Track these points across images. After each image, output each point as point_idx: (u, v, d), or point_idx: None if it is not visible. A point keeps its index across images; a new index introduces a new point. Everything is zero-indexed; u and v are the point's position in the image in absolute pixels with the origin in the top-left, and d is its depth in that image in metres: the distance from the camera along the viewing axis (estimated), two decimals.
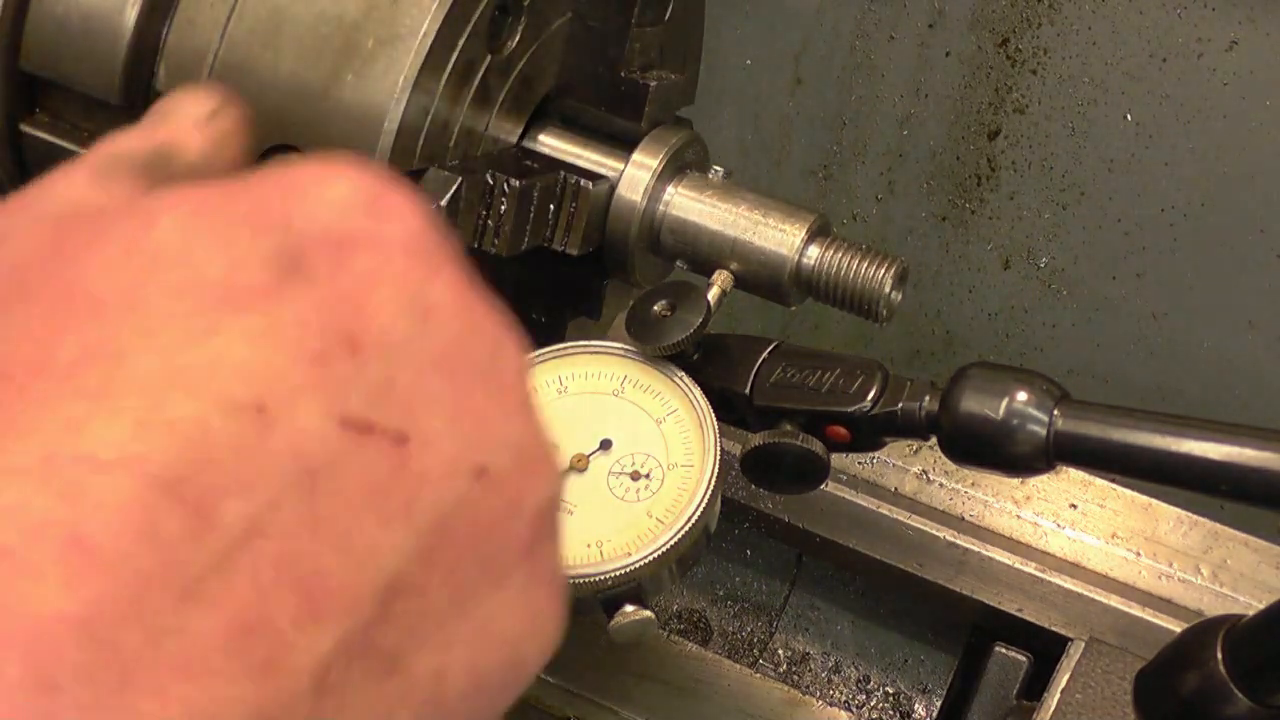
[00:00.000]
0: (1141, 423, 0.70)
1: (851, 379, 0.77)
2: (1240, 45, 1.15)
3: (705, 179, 0.85)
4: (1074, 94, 1.22)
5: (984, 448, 0.73)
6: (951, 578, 1.10)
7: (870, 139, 1.32)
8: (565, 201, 0.82)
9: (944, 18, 1.24)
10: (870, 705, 1.19)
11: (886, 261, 0.81)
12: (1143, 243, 1.25)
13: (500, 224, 0.78)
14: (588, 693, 1.06)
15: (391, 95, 0.71)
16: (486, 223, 0.78)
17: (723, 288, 0.82)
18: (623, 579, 0.73)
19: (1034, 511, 1.13)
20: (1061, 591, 1.08)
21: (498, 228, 0.78)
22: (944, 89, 1.27)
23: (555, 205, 0.81)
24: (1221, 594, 1.08)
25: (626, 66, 0.83)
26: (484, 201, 0.77)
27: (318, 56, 0.72)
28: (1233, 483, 0.68)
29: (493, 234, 0.78)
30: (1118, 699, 0.97)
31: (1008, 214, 1.30)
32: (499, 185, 0.77)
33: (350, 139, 0.72)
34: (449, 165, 0.76)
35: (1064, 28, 1.20)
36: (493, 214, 0.78)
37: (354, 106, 0.72)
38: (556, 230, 0.82)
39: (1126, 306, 1.29)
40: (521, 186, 0.78)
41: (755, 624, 1.23)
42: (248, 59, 0.73)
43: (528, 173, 0.80)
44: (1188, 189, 1.22)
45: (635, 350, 0.80)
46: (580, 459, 0.77)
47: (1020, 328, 1.34)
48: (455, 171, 0.75)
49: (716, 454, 0.76)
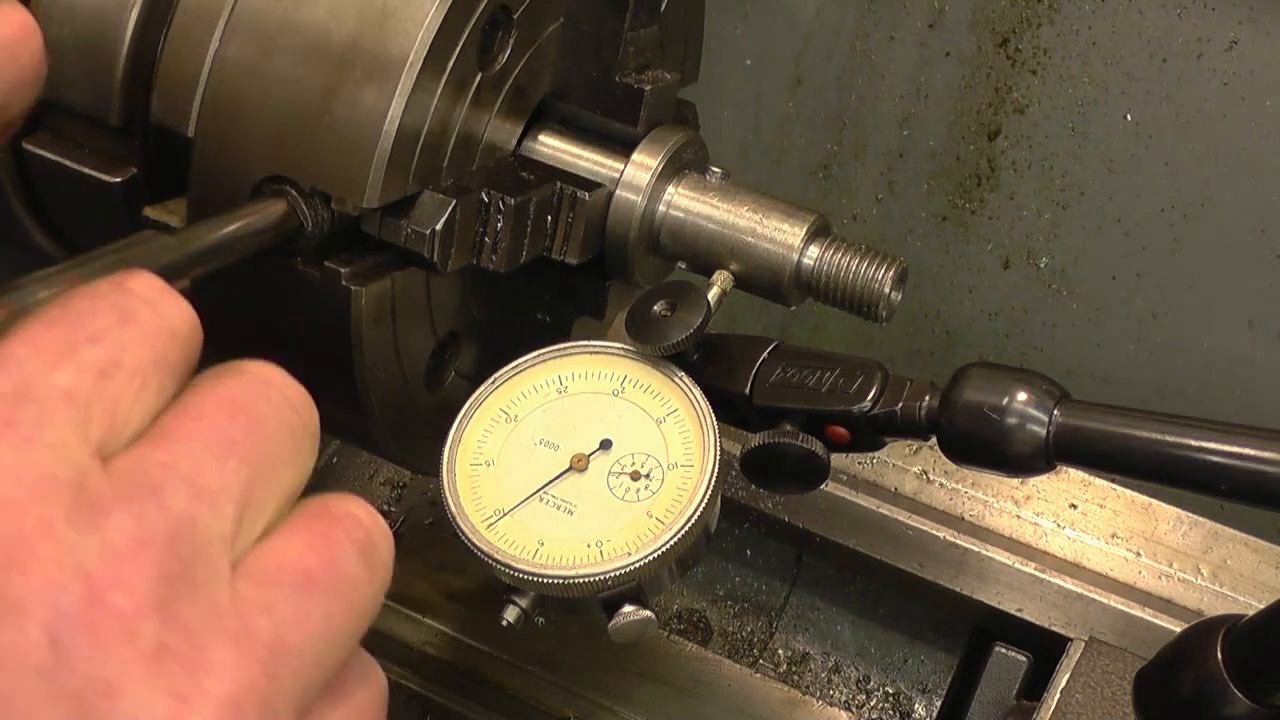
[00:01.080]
0: (1141, 423, 0.70)
1: (851, 379, 0.77)
2: (1240, 45, 1.15)
3: (705, 179, 0.85)
4: (1074, 94, 1.22)
5: (984, 448, 0.73)
6: (951, 578, 1.10)
7: (870, 139, 1.32)
8: (563, 213, 0.81)
9: (944, 18, 1.24)
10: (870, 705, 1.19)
11: (886, 261, 0.81)
12: (1143, 243, 1.25)
13: (498, 241, 0.78)
14: (588, 693, 1.06)
15: (382, 123, 0.71)
16: (484, 240, 0.78)
17: (723, 288, 0.82)
18: (623, 579, 0.73)
19: (1034, 511, 1.13)
20: (1061, 591, 1.08)
21: (495, 245, 0.78)
22: (944, 89, 1.27)
23: (552, 217, 0.81)
24: (1221, 594, 1.08)
25: (621, 70, 0.83)
26: (480, 220, 0.77)
27: (308, 85, 0.72)
28: (1233, 483, 0.68)
29: (490, 251, 0.78)
30: (1118, 699, 0.97)
31: (1008, 214, 1.30)
32: (494, 203, 0.77)
33: (343, 164, 0.71)
34: (443, 186, 0.75)
35: (1064, 28, 1.20)
36: (489, 231, 0.77)
37: (346, 133, 0.71)
38: (555, 241, 0.82)
39: (1126, 306, 1.29)
40: (517, 204, 0.78)
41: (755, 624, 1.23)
42: (238, 88, 0.73)
43: (524, 185, 0.80)
44: (1188, 189, 1.22)
45: (635, 350, 0.80)
46: (580, 459, 0.77)
47: (1020, 328, 1.34)
48: (450, 193, 0.75)
49: (716, 454, 0.76)
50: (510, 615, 0.75)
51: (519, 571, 0.73)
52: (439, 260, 0.74)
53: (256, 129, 0.72)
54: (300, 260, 0.73)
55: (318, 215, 0.71)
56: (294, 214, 0.71)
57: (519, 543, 0.74)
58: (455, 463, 0.77)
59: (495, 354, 0.83)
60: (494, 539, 0.74)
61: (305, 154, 0.71)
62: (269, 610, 0.44)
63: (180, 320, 0.47)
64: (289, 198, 0.71)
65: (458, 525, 0.75)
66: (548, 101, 0.84)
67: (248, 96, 0.73)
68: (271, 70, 0.72)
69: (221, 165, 0.73)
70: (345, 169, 0.71)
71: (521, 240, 0.79)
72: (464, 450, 0.77)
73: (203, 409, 0.46)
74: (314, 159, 0.71)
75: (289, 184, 0.71)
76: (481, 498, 0.76)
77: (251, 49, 0.73)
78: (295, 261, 0.73)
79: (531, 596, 0.75)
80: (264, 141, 0.72)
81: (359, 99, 0.71)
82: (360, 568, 0.48)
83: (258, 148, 0.72)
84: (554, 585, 0.73)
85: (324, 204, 0.71)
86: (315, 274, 0.73)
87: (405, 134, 0.72)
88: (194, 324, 0.48)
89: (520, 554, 0.74)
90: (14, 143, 0.78)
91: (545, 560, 0.73)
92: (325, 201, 0.71)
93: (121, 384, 0.44)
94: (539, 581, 0.73)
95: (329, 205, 0.71)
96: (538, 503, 0.75)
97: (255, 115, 0.72)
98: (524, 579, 0.73)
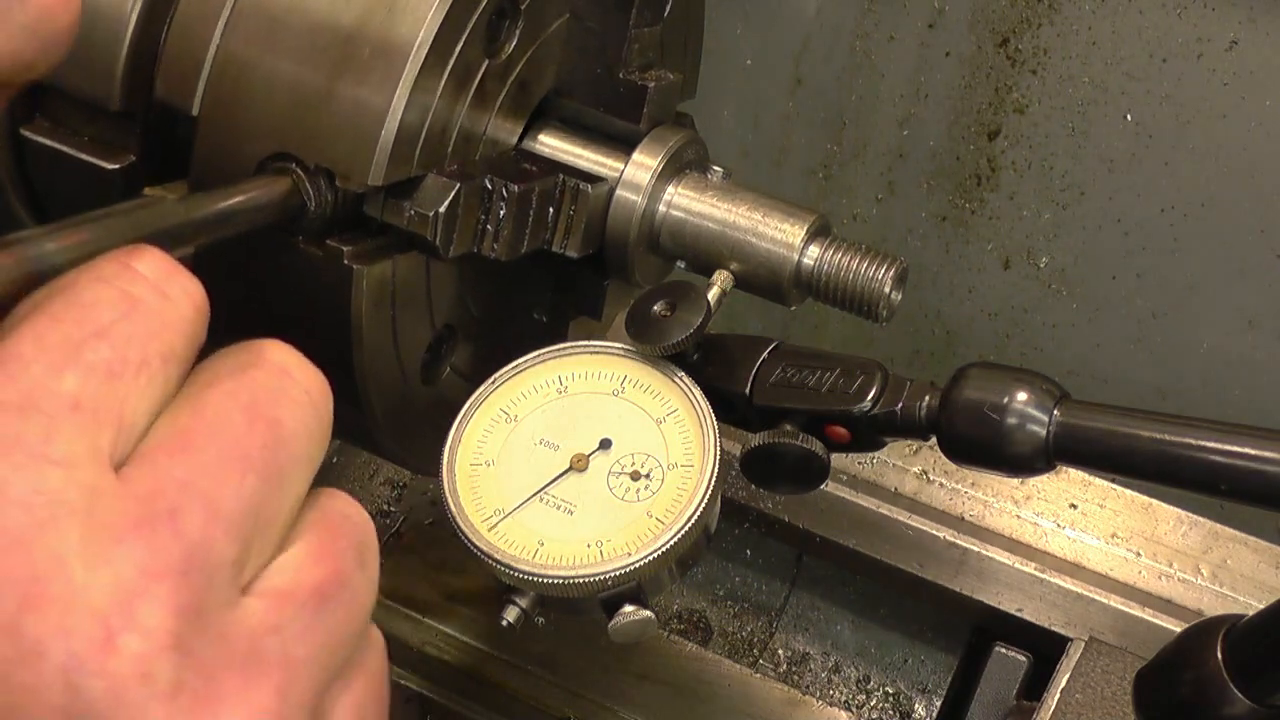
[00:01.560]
0: (1141, 423, 0.70)
1: (851, 379, 0.77)
2: (1240, 45, 1.15)
3: (705, 179, 0.85)
4: (1074, 94, 1.22)
5: (984, 448, 0.73)
6: (951, 578, 1.10)
7: (870, 139, 1.32)
8: (564, 204, 0.82)
9: (944, 18, 1.24)
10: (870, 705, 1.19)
11: (886, 261, 0.81)
12: (1143, 243, 1.25)
13: (500, 228, 0.78)
14: (588, 693, 1.06)
15: (388, 103, 0.71)
16: (486, 227, 0.78)
17: (723, 288, 0.82)
18: (623, 579, 0.73)
19: (1034, 511, 1.13)
20: (1061, 591, 1.08)
21: (497, 232, 0.78)
22: (944, 89, 1.27)
23: (554, 208, 0.81)
24: (1221, 594, 1.08)
25: (625, 68, 0.83)
26: (483, 206, 0.77)
27: (314, 65, 0.72)
28: (1233, 483, 0.68)
29: (492, 239, 0.78)
30: (1118, 699, 0.97)
31: (1008, 214, 1.30)
32: (497, 190, 0.77)
33: (348, 146, 0.71)
34: (447, 171, 0.76)
35: (1064, 28, 1.20)
36: (492, 219, 0.78)
37: (351, 115, 0.71)
38: (556, 233, 0.82)
39: (1126, 306, 1.29)
40: (520, 191, 0.78)
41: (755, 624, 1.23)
42: (245, 67, 0.73)
43: (526, 176, 0.80)
44: (1188, 189, 1.22)
45: (635, 350, 0.80)
46: (580, 459, 0.77)
47: (1020, 328, 1.34)
48: (454, 178, 0.75)
49: (716, 454, 0.76)
50: (510, 615, 0.75)
51: (519, 572, 0.73)
52: (441, 243, 0.74)
53: (262, 107, 0.72)
54: (302, 239, 0.73)
55: (321, 194, 0.71)
56: (297, 192, 0.71)
57: (519, 543, 0.74)
58: (455, 463, 0.77)
59: (491, 353, 0.83)
60: (494, 539, 0.74)
61: (310, 132, 0.71)
62: (278, 630, 0.44)
63: (188, 303, 0.47)
64: (293, 175, 0.71)
65: (458, 525, 0.75)
66: (550, 99, 0.84)
67: (254, 76, 0.73)
68: (278, 50, 0.72)
69: (226, 144, 0.73)
70: (350, 147, 0.71)
71: (523, 229, 0.79)
72: (464, 450, 0.77)
73: (222, 414, 0.46)
74: (319, 137, 0.71)
75: (294, 161, 0.71)
76: (481, 498, 0.76)
77: (259, 29, 0.73)
78: (297, 240, 0.73)
79: (531, 596, 0.75)
80: (269, 119, 0.72)
81: (365, 80, 0.71)
82: (359, 571, 0.48)
83: (263, 126, 0.72)
84: (554, 585, 0.73)
85: (328, 182, 0.71)
86: (317, 253, 0.73)
87: (411, 117, 0.72)
88: (201, 304, 0.47)
89: (520, 554, 0.74)
90: (11, 130, 0.78)
91: (545, 560, 0.73)
92: (329, 180, 0.71)
93: (129, 382, 0.44)
94: (539, 582, 0.73)
95: (333, 184, 0.71)
96: (538, 503, 0.75)
97: (261, 94, 0.72)
98: (524, 579, 0.73)
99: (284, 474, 0.46)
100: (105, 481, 0.42)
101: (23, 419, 0.42)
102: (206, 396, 0.46)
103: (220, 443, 0.45)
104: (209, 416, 0.45)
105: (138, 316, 0.45)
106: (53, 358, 0.43)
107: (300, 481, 0.48)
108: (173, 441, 0.44)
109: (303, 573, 0.46)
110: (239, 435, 0.45)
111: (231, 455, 0.45)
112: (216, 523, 0.43)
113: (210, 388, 0.46)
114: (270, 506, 0.46)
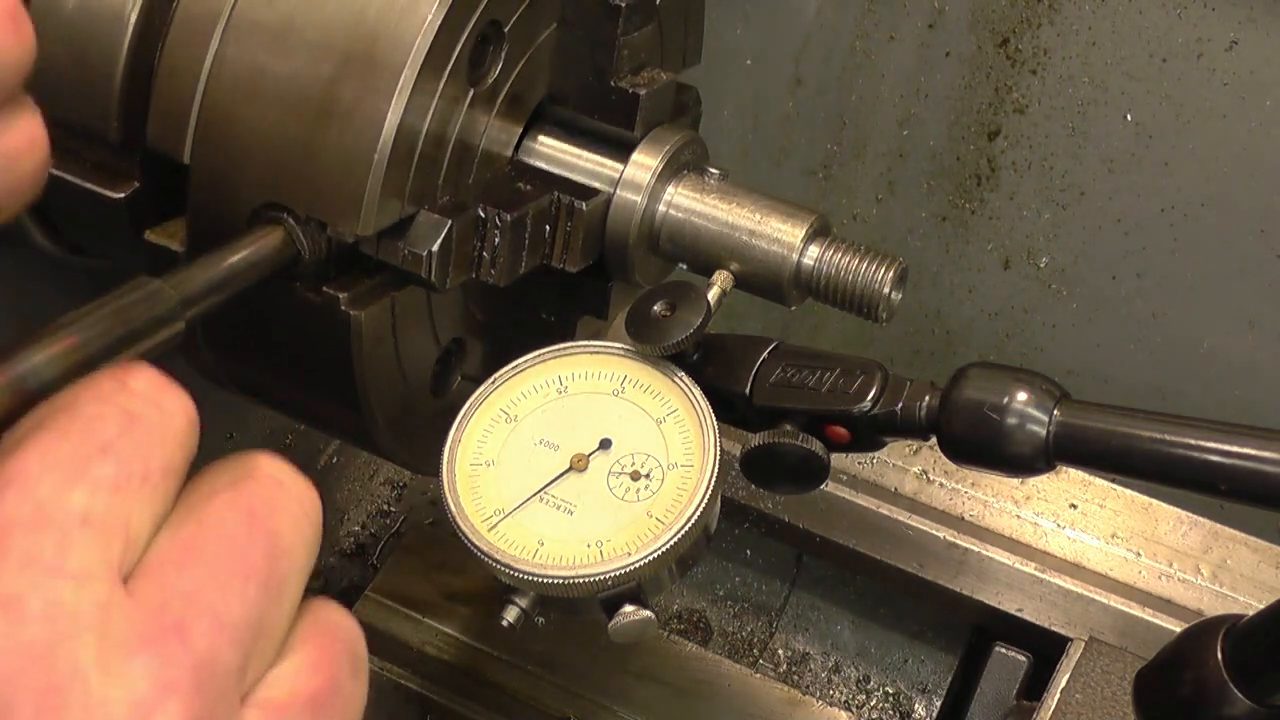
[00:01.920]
0: (1141, 423, 0.70)
1: (851, 379, 0.77)
2: (1240, 45, 1.15)
3: (704, 180, 0.85)
4: (1074, 94, 1.22)
5: (984, 448, 0.73)
6: (951, 578, 1.10)
7: (870, 139, 1.32)
8: (561, 222, 0.81)
9: (944, 18, 1.24)
10: (870, 705, 1.19)
11: (886, 262, 0.81)
12: (1143, 243, 1.26)
13: (496, 256, 0.77)
14: (588, 693, 1.06)
15: (372, 151, 0.70)
16: (482, 255, 0.77)
17: (723, 288, 0.82)
18: (623, 579, 0.73)
19: (1034, 511, 1.13)
20: (1061, 591, 1.08)
21: (494, 260, 0.78)
22: (944, 89, 1.27)
23: (551, 226, 0.81)
24: (1221, 594, 1.08)
25: (616, 74, 0.82)
26: (478, 235, 0.77)
27: (298, 114, 0.71)
28: (1233, 483, 0.68)
29: (489, 265, 0.78)
30: (1117, 699, 0.97)
31: (1008, 214, 1.30)
32: (491, 219, 0.77)
33: (337, 192, 0.71)
34: (439, 206, 0.75)
35: (1064, 28, 1.20)
36: (487, 247, 0.77)
37: (336, 165, 0.71)
38: (554, 250, 0.82)
39: (1126, 306, 1.29)
40: (514, 219, 0.77)
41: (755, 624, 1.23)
42: (231, 114, 0.73)
43: (521, 197, 0.79)
44: (1188, 189, 1.22)
45: (635, 350, 0.80)
46: (580, 459, 0.77)
47: (1020, 328, 1.34)
48: (446, 211, 0.75)
49: (716, 454, 0.76)
50: (510, 615, 0.75)
51: (519, 572, 0.73)
52: (437, 279, 0.74)
53: (251, 157, 0.72)
54: (300, 284, 0.73)
55: (315, 242, 0.71)
56: (291, 242, 0.71)
57: (519, 543, 0.74)
58: (455, 463, 0.77)
59: (501, 354, 0.83)
60: (494, 539, 0.74)
61: (299, 182, 0.71)
62: None
63: (182, 416, 0.47)
64: (285, 225, 0.71)
65: (458, 525, 0.75)
66: (545, 104, 0.84)
67: (241, 124, 0.72)
68: (261, 100, 0.72)
69: (218, 192, 0.73)
70: (339, 197, 0.71)
71: (520, 253, 0.79)
72: (464, 450, 0.77)
73: (223, 526, 0.47)
74: (308, 187, 0.71)
75: (285, 211, 0.71)
76: (482, 498, 0.76)
77: (242, 78, 0.72)
78: (295, 285, 0.73)
79: (531, 596, 0.75)
80: (259, 169, 0.72)
81: (350, 125, 0.71)
82: (352, 680, 0.49)
83: (253, 176, 0.72)
84: (554, 585, 0.73)
85: (320, 231, 0.71)
86: (315, 299, 0.73)
87: (398, 156, 0.71)
88: (193, 417, 0.48)
89: (520, 554, 0.74)
90: None
91: (545, 560, 0.73)
92: (321, 228, 0.71)
93: (134, 495, 0.45)
94: (539, 581, 0.73)
95: (325, 232, 0.72)
96: (538, 503, 0.75)
97: (249, 143, 0.72)
98: (524, 579, 0.73)
99: (283, 584, 0.47)
100: (117, 595, 0.43)
101: (36, 534, 0.42)
102: (207, 509, 0.47)
103: (223, 554, 0.46)
104: (211, 528, 0.46)
105: (138, 432, 0.46)
106: (61, 474, 0.44)
107: (296, 591, 0.49)
108: (178, 554, 0.45)
109: (300, 682, 0.47)
110: (240, 547, 0.46)
111: (234, 567, 0.46)
112: (222, 633, 0.44)
113: (209, 500, 0.47)
114: (270, 616, 0.47)
